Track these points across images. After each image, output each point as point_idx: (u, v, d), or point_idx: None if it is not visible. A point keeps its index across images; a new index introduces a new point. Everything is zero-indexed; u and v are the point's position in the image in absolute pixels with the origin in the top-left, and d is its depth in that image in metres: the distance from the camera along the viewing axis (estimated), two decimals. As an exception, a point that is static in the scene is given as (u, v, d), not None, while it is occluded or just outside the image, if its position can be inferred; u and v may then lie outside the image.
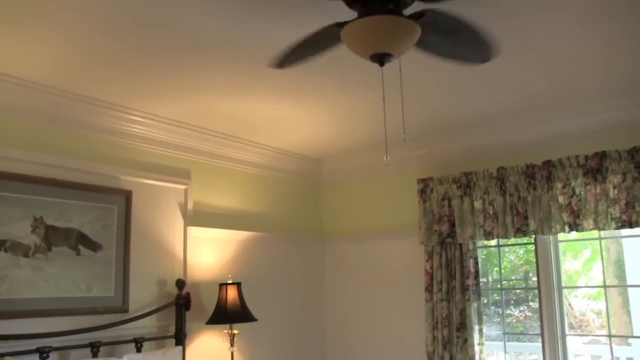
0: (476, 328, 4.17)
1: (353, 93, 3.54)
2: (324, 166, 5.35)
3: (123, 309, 3.57)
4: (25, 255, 3.13)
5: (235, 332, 3.92)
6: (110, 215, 3.59)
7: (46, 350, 3.02)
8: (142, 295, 3.71)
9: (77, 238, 3.39)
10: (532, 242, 4.24)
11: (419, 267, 4.52)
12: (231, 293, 3.91)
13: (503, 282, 5.16)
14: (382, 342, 4.81)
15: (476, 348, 4.13)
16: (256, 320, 3.98)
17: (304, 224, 5.23)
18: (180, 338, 3.78)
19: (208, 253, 4.23)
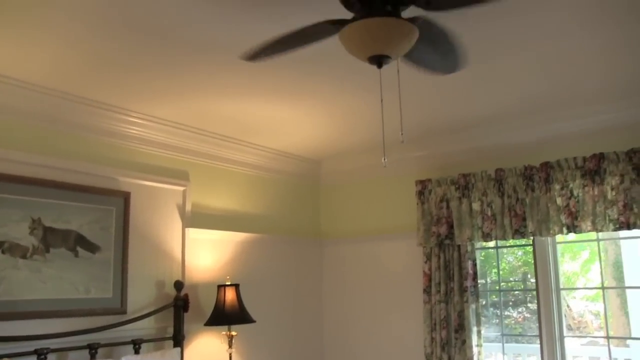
0: (474, 329, 4.17)
1: (351, 95, 3.54)
2: (322, 168, 5.35)
3: (121, 311, 3.57)
4: (23, 256, 3.13)
5: (233, 334, 3.92)
6: (108, 216, 3.59)
7: (44, 351, 3.00)
8: (141, 296, 3.71)
9: (76, 239, 3.39)
10: (531, 244, 4.24)
11: (417, 269, 4.52)
12: (229, 294, 3.91)
13: (501, 284, 5.16)
14: (381, 344, 4.81)
15: (474, 349, 4.13)
16: (254, 321, 3.98)
17: (303, 226, 5.22)
18: (178, 339, 3.77)
19: (206, 254, 4.22)
